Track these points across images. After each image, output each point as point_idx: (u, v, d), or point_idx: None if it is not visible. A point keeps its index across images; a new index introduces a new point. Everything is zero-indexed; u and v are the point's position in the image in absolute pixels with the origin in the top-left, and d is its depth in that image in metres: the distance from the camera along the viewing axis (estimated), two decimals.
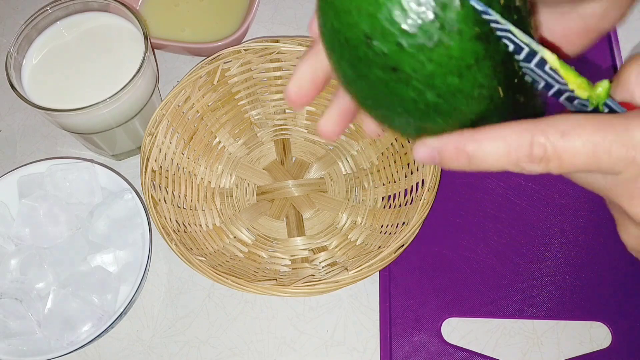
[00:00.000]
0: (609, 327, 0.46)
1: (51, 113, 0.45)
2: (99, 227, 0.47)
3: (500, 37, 0.22)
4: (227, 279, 0.42)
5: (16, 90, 0.46)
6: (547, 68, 0.22)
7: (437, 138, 0.24)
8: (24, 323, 0.44)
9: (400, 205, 0.49)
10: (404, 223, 0.46)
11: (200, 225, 0.51)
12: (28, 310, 0.44)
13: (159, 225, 0.44)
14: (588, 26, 0.29)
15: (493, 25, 0.22)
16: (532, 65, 0.23)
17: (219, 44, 0.55)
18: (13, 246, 0.48)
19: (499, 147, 0.23)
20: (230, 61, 0.50)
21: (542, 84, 0.23)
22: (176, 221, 0.48)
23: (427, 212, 0.44)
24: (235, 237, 0.51)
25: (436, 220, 0.50)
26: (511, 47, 0.22)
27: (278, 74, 0.52)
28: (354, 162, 0.54)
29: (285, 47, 0.50)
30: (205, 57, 0.53)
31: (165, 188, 0.49)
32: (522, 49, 0.22)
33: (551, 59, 0.22)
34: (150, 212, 0.45)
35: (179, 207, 0.49)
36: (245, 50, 0.50)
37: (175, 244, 0.44)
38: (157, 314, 0.49)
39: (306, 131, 0.55)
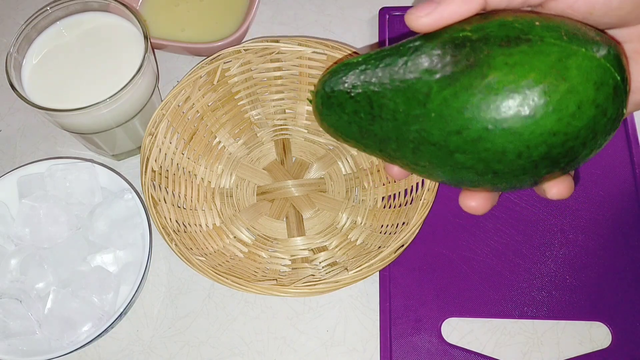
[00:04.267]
0: (609, 327, 0.46)
1: (51, 113, 0.45)
2: (99, 227, 0.47)
3: None
4: (227, 279, 0.42)
5: (16, 90, 0.46)
6: None
7: None
8: (24, 323, 0.44)
9: (400, 205, 0.49)
10: (404, 223, 0.46)
11: (200, 225, 0.51)
12: (28, 310, 0.44)
13: (159, 225, 0.44)
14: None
15: None
16: None
17: (219, 44, 0.55)
18: (13, 246, 0.48)
19: None
20: (230, 61, 0.50)
21: None
22: (176, 221, 0.48)
23: (427, 212, 0.44)
24: (235, 237, 0.51)
25: (436, 220, 0.50)
26: None
27: (278, 74, 0.52)
28: (354, 162, 0.54)
29: (285, 47, 0.50)
30: (205, 57, 0.53)
31: (165, 188, 0.49)
32: None
33: None
34: (150, 212, 0.45)
35: (179, 207, 0.49)
36: (245, 50, 0.50)
37: (175, 244, 0.44)
38: (157, 314, 0.49)
39: (306, 131, 0.55)
